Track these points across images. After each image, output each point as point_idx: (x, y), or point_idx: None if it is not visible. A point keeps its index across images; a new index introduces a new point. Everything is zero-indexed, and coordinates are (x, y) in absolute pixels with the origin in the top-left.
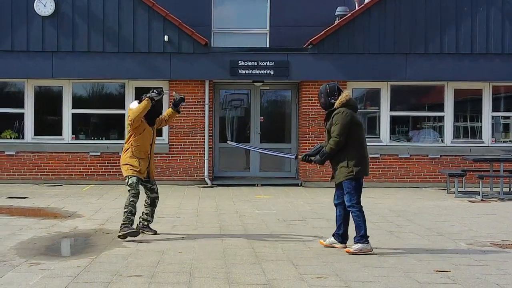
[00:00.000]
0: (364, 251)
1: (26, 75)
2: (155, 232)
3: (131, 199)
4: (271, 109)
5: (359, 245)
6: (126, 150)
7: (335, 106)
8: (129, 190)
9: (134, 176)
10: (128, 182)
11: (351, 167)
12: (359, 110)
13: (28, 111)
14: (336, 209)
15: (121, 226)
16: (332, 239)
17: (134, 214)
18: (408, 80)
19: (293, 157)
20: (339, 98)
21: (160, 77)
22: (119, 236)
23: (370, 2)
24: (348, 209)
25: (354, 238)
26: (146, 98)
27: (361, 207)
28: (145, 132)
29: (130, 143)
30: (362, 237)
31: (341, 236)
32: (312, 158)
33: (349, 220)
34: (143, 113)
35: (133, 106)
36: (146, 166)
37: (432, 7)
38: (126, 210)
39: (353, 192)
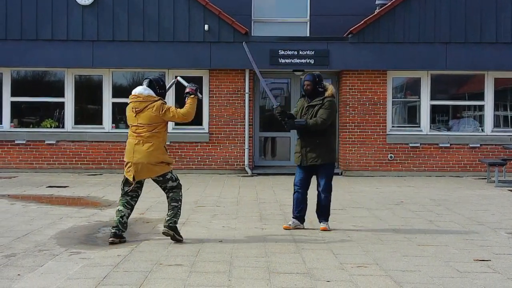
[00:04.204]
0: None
1: (66, 64)
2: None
3: (181, 194)
4: None
5: (328, 223)
6: (158, 148)
7: (327, 95)
8: (178, 186)
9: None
10: (174, 177)
11: (332, 151)
12: (399, 99)
13: (68, 100)
14: (297, 192)
15: (173, 223)
16: (297, 221)
17: None
18: (448, 69)
19: (275, 105)
20: (330, 89)
21: (200, 66)
22: (165, 234)
23: None
24: (324, 193)
25: (321, 218)
26: (194, 96)
27: None
28: None
29: (161, 137)
30: (328, 216)
31: (303, 218)
32: (287, 119)
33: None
34: None
35: (145, 92)
36: None
37: None
38: (178, 205)
39: (332, 177)
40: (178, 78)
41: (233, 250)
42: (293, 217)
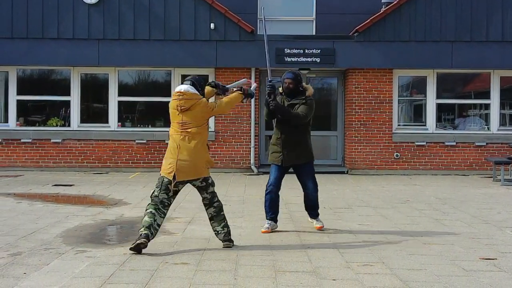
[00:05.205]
0: None
1: (72, 62)
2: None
3: None
4: (317, 97)
5: (321, 221)
6: (203, 145)
7: (308, 94)
8: (215, 193)
9: None
10: (213, 182)
11: (311, 150)
12: (405, 98)
13: (74, 99)
14: (271, 192)
15: (229, 234)
16: (273, 223)
17: None
18: (454, 68)
19: (274, 80)
20: (310, 90)
21: (206, 64)
22: (227, 247)
23: None
24: (314, 193)
25: (313, 215)
26: (241, 94)
27: None
28: None
29: (205, 135)
30: (318, 213)
31: (276, 219)
32: (272, 101)
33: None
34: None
35: (191, 90)
36: None
37: None
38: (224, 214)
39: (314, 174)
40: (252, 84)
41: (239, 248)
42: (268, 219)
